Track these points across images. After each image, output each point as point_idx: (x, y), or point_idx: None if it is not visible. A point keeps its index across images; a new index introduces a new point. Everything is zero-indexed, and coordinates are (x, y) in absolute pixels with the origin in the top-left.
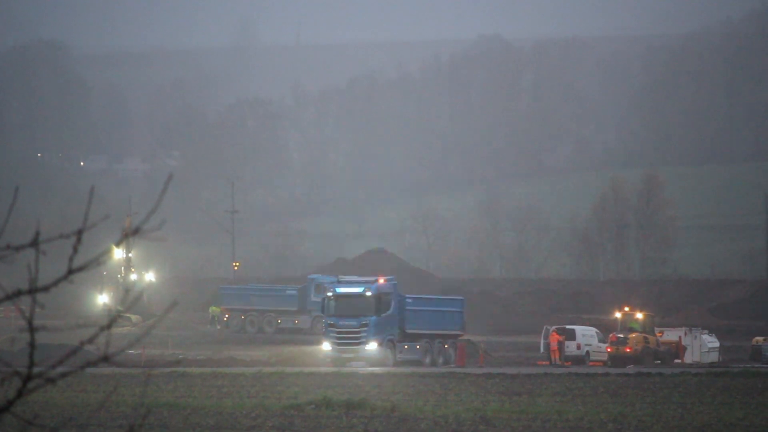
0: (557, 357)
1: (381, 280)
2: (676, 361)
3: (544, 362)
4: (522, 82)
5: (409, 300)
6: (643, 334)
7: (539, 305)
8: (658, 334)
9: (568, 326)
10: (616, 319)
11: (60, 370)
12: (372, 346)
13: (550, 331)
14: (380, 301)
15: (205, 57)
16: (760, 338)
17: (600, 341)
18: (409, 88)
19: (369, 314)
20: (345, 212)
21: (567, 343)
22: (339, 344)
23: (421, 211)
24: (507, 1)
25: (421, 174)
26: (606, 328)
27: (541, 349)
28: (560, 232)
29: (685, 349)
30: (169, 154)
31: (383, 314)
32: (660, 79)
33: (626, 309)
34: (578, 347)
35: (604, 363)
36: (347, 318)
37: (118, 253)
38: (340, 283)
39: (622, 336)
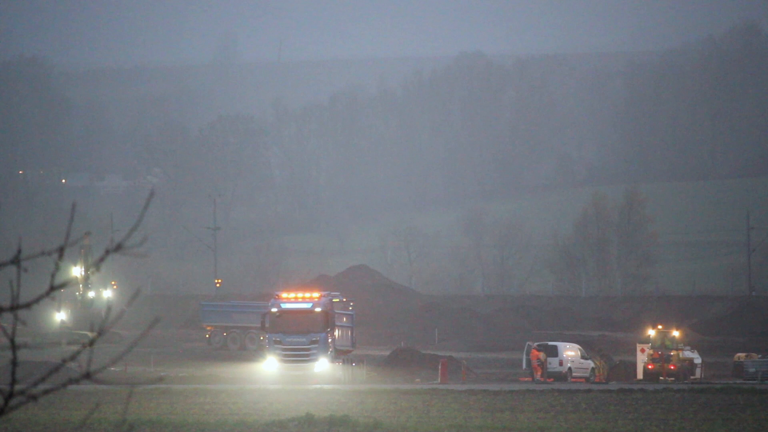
0: (539, 373)
1: (323, 296)
2: (693, 377)
3: (526, 379)
4: (503, 99)
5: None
6: (680, 351)
7: (521, 322)
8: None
9: (550, 343)
10: (649, 336)
11: (42, 387)
12: (323, 363)
13: (532, 347)
14: (327, 316)
15: (187, 74)
16: (742, 354)
17: (582, 357)
18: (390, 104)
19: (317, 330)
20: (327, 229)
21: (549, 359)
22: (287, 362)
23: (403, 228)
24: (488, 17)
25: (403, 190)
26: (588, 345)
27: (524, 366)
28: (542, 248)
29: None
30: (150, 171)
31: (329, 330)
32: (641, 96)
33: (659, 327)
34: (560, 363)
35: (587, 379)
36: (294, 335)
37: (75, 271)
38: (285, 299)
39: (662, 353)
